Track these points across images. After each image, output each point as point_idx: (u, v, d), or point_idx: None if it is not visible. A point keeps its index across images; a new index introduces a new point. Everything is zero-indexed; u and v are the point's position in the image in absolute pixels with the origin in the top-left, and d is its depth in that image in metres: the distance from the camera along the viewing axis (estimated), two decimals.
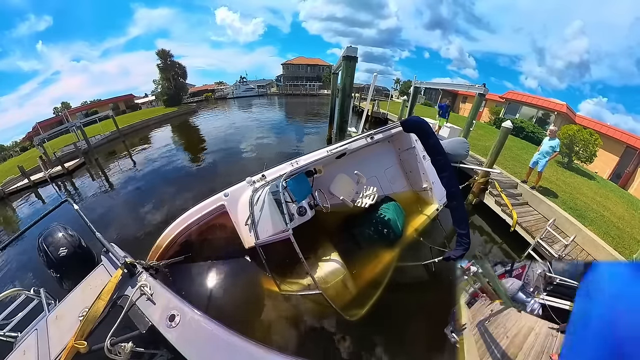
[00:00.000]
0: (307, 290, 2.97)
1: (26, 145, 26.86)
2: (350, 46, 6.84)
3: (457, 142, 5.13)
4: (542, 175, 7.21)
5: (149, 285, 2.10)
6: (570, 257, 5.08)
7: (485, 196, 7.25)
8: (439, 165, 3.72)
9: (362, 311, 3.23)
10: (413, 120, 4.33)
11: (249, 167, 9.48)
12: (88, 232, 2.61)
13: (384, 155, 5.36)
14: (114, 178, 11.11)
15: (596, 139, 11.15)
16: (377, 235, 4.07)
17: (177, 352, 1.75)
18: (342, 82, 7.77)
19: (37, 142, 14.40)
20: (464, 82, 34.92)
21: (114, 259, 2.31)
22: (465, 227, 3.63)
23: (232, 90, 42.81)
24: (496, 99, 23.31)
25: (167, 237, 3.43)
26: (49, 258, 2.61)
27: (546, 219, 6.11)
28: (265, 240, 3.01)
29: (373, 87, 10.18)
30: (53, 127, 20.25)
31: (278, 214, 3.23)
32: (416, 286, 4.52)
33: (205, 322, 1.89)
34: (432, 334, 3.29)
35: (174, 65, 34.17)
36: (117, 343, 1.83)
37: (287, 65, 50.44)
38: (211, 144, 15.09)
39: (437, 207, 5.02)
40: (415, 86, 13.52)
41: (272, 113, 27.27)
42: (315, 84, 44.06)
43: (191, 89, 41.68)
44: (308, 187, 3.77)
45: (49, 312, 2.23)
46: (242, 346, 1.77)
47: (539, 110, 20.25)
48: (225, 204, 3.55)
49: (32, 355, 1.92)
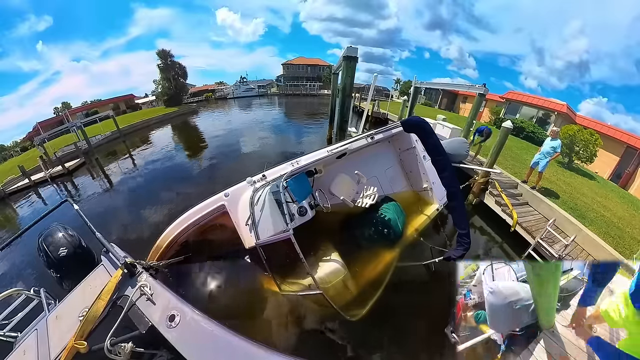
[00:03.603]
0: (307, 290, 2.97)
1: (26, 145, 26.86)
2: (350, 46, 6.83)
3: (457, 142, 5.14)
4: (543, 176, 7.20)
5: (149, 285, 2.09)
6: (571, 257, 5.07)
7: (485, 196, 7.24)
8: (439, 165, 3.72)
9: (362, 311, 3.22)
10: (413, 120, 4.33)
11: (249, 167, 9.47)
12: (88, 232, 2.61)
13: (385, 155, 5.35)
14: (114, 178, 11.11)
15: (596, 139, 11.15)
16: (377, 235, 4.07)
17: (177, 352, 1.75)
18: (342, 82, 7.76)
19: (38, 142, 14.43)
20: (464, 82, 35.00)
21: (114, 259, 2.31)
22: (466, 227, 3.63)
23: (232, 91, 42.81)
24: (496, 99, 23.30)
25: (167, 237, 3.43)
26: (49, 258, 2.61)
27: (546, 219, 6.10)
28: (265, 241, 3.00)
29: (373, 87, 10.19)
30: (53, 127, 20.23)
31: (278, 214, 3.23)
32: (416, 286, 4.51)
33: (205, 322, 1.89)
34: (432, 334, 3.30)
35: (174, 65, 34.14)
36: (117, 343, 1.83)
37: (287, 66, 50.44)
38: (211, 144, 15.09)
39: (438, 207, 5.01)
40: (415, 86, 13.52)
41: (272, 113, 27.25)
42: (316, 84, 44.03)
43: (191, 89, 41.68)
44: (308, 187, 3.76)
45: (49, 312, 2.23)
46: (242, 346, 1.77)
47: (539, 110, 20.24)
48: (225, 204, 3.55)
49: (32, 355, 1.92)
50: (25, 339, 2.06)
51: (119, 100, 37.30)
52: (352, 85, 7.56)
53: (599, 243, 5.45)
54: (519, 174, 8.26)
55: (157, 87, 35.57)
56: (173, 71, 33.83)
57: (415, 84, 13.52)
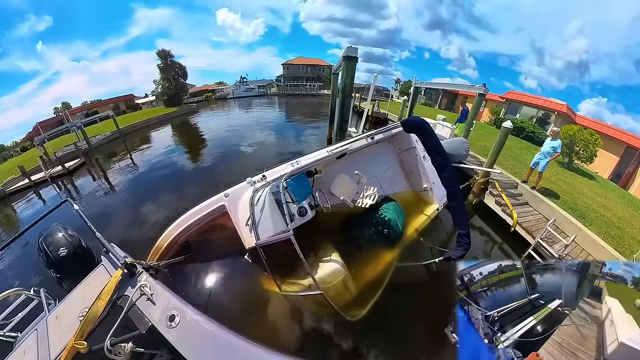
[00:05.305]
0: (307, 290, 2.96)
1: (27, 145, 26.87)
2: (350, 46, 6.82)
3: (457, 142, 5.14)
4: (543, 176, 7.20)
5: (149, 285, 2.09)
6: (571, 257, 5.07)
7: (485, 196, 7.24)
8: (440, 166, 3.72)
9: (362, 311, 3.22)
10: (413, 120, 4.33)
11: (249, 168, 9.48)
12: (88, 232, 2.61)
13: (385, 156, 5.35)
14: (114, 178, 11.11)
15: (596, 139, 11.14)
16: (377, 235, 4.06)
17: (177, 352, 1.75)
18: (342, 82, 7.76)
19: (38, 142, 14.44)
20: (464, 82, 35.02)
21: (114, 259, 2.30)
22: (466, 227, 3.64)
23: (232, 91, 42.85)
24: (496, 99, 23.30)
25: (167, 237, 3.43)
26: (49, 258, 2.61)
27: (546, 219, 6.10)
28: (265, 241, 3.00)
29: (373, 87, 10.20)
30: (53, 127, 20.26)
31: (278, 214, 3.23)
32: (417, 286, 4.51)
33: (205, 323, 1.89)
34: (432, 334, 3.30)
35: (174, 65, 34.18)
36: (117, 343, 1.83)
37: (287, 66, 50.47)
38: (211, 144, 15.10)
39: (438, 207, 5.01)
40: (415, 86, 13.50)
41: (272, 113, 27.29)
42: (316, 84, 44.07)
43: (191, 89, 41.72)
44: (308, 187, 3.76)
45: (49, 312, 2.23)
46: (242, 346, 1.77)
47: (539, 110, 20.23)
48: (225, 205, 3.54)
49: (32, 355, 1.92)
50: (25, 339, 2.06)
51: (119, 100, 37.30)
52: (352, 85, 7.55)
53: (599, 243, 5.45)
54: (519, 174, 8.26)
55: (157, 87, 35.62)
56: (173, 71, 33.86)
57: (415, 84, 13.49)
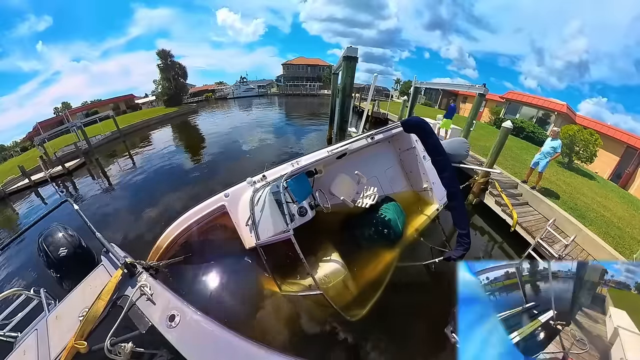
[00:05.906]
0: (307, 290, 2.97)
1: (26, 145, 26.86)
2: (350, 46, 6.83)
3: (457, 142, 5.13)
4: (543, 176, 7.20)
5: (149, 285, 2.09)
6: (571, 257, 5.07)
7: (485, 196, 7.24)
8: (440, 166, 3.72)
9: (362, 311, 3.23)
10: (413, 120, 4.33)
11: (249, 168, 9.48)
12: (88, 232, 2.61)
13: (385, 156, 5.35)
14: (114, 178, 11.11)
15: (596, 139, 11.14)
16: (377, 235, 4.06)
17: (177, 352, 1.75)
18: (342, 82, 7.76)
19: (38, 142, 14.44)
20: (464, 82, 35.01)
21: (114, 259, 2.30)
22: (466, 227, 3.63)
23: (232, 91, 42.84)
24: (496, 99, 23.30)
25: (167, 237, 3.43)
26: (49, 258, 2.61)
27: (546, 219, 6.10)
28: (266, 241, 3.00)
29: (373, 88, 10.19)
30: (53, 127, 20.25)
31: (279, 214, 3.23)
32: (417, 286, 4.51)
33: (205, 323, 1.89)
34: (433, 334, 3.30)
35: (174, 65, 34.14)
36: (117, 343, 1.82)
37: (287, 66, 50.46)
38: (211, 144, 15.08)
39: (438, 207, 5.01)
40: (415, 86, 13.51)
41: (273, 113, 27.27)
42: (316, 84, 44.05)
43: (191, 89, 41.69)
44: (308, 187, 3.77)
45: (49, 312, 2.23)
46: (243, 346, 1.77)
47: (539, 110, 20.24)
48: (225, 205, 3.55)
49: (32, 355, 1.92)
50: (25, 339, 2.05)
51: (119, 100, 37.29)
52: (352, 85, 7.56)
53: (599, 243, 5.45)
54: (519, 174, 8.26)
55: (157, 87, 35.61)
56: (173, 71, 33.83)
57: (415, 84, 13.50)
